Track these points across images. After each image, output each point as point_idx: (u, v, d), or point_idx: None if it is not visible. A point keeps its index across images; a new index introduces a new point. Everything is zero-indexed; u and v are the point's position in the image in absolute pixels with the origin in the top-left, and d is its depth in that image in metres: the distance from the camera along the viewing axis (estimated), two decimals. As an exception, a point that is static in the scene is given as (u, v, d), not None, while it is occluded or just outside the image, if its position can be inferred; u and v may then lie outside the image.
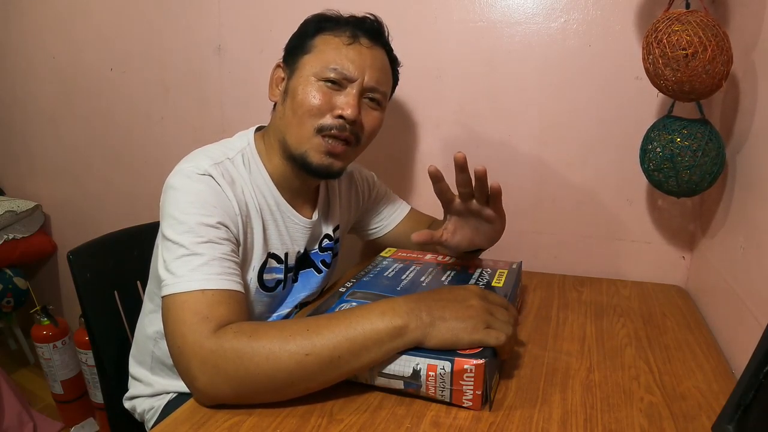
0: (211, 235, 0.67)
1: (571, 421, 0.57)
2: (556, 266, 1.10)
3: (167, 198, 0.70)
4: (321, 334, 0.56)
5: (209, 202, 0.69)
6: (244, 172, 0.78)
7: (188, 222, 0.66)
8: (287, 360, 0.55)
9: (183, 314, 0.60)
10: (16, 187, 1.85)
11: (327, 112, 0.75)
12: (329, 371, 0.57)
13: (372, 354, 0.57)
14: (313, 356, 0.56)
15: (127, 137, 1.54)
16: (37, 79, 1.65)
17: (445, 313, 0.59)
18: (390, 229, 1.05)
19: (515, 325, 0.63)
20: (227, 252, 0.67)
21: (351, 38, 0.77)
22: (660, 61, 0.75)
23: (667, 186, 0.85)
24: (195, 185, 0.70)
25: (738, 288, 0.77)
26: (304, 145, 0.77)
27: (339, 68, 0.75)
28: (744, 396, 0.45)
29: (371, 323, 0.57)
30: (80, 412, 1.66)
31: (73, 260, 0.91)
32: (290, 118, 0.77)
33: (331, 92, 0.76)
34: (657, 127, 0.86)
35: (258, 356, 0.56)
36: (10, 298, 1.74)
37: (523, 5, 1.04)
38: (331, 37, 0.77)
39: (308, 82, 0.76)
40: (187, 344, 0.58)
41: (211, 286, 0.62)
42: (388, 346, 0.57)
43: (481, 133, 1.13)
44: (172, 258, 0.65)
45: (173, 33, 1.39)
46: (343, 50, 0.76)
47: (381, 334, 0.56)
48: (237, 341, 0.57)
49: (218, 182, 0.72)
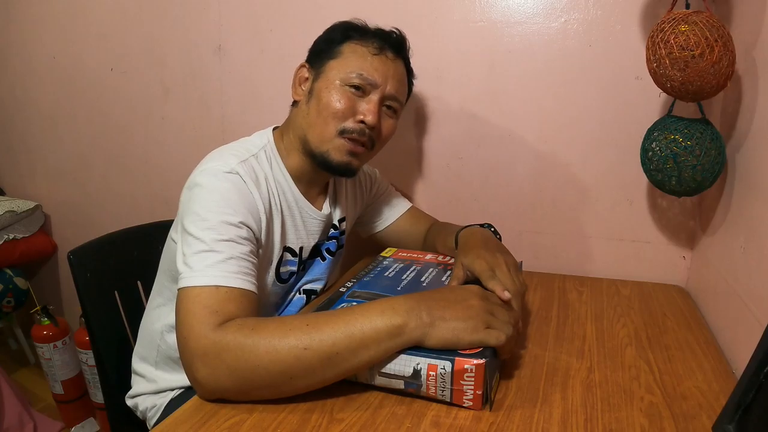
0: (232, 234, 0.68)
1: (571, 421, 0.57)
2: (556, 266, 1.10)
3: (193, 195, 0.72)
4: (320, 330, 0.57)
5: (234, 201, 0.71)
6: (267, 168, 0.81)
7: (211, 219, 0.68)
8: (286, 354, 0.56)
9: (194, 306, 0.61)
10: (16, 187, 1.85)
11: (350, 116, 0.80)
12: (328, 367, 0.57)
13: (371, 352, 0.57)
14: (311, 351, 0.56)
15: (127, 137, 1.54)
16: (37, 79, 1.65)
17: (445, 313, 0.59)
18: (389, 224, 1.06)
19: (516, 326, 0.63)
20: (246, 252, 0.69)
21: (378, 49, 0.81)
22: (667, 62, 0.75)
23: (669, 186, 0.85)
24: (221, 184, 0.72)
25: (738, 288, 0.77)
26: (326, 144, 0.80)
27: (365, 74, 0.79)
28: (744, 396, 0.45)
29: (370, 321, 0.57)
30: (80, 412, 1.66)
31: (74, 260, 0.91)
32: (314, 118, 0.80)
33: (355, 98, 0.80)
34: (659, 127, 0.86)
35: (258, 349, 0.56)
36: (10, 298, 1.74)
37: (523, 5, 1.04)
38: (358, 46, 0.81)
39: (334, 87, 0.79)
40: (192, 335, 0.59)
41: (225, 283, 0.63)
42: (386, 344, 0.57)
43: (481, 133, 1.13)
44: (191, 252, 0.66)
45: (173, 33, 1.38)
46: (369, 59, 0.80)
47: (380, 333, 0.57)
48: (239, 334, 0.58)
49: (245, 180, 0.74)
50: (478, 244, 0.76)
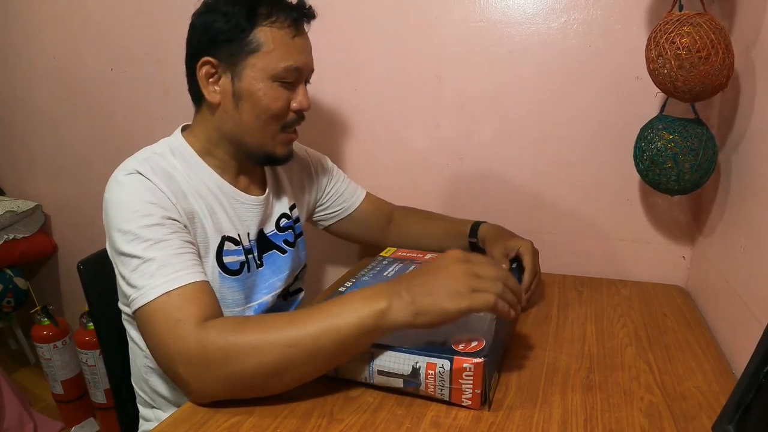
0: (156, 236, 0.65)
1: (571, 421, 0.57)
2: (556, 266, 1.09)
3: (105, 213, 0.70)
4: (304, 325, 0.56)
5: (144, 201, 0.67)
6: (176, 162, 0.77)
7: (131, 229, 0.65)
8: (270, 353, 0.55)
9: (157, 323, 0.60)
10: (16, 187, 1.85)
11: (288, 110, 0.77)
12: (314, 361, 0.57)
13: (358, 341, 0.57)
14: (296, 348, 0.56)
15: (127, 137, 1.54)
16: (37, 79, 1.65)
17: (425, 287, 0.57)
18: (351, 211, 1.04)
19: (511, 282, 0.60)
20: (178, 245, 0.66)
21: (294, 29, 0.75)
22: (673, 63, 0.75)
23: (666, 185, 0.85)
24: (125, 189, 0.69)
25: (738, 288, 0.77)
26: (268, 144, 0.78)
27: (293, 65, 0.74)
28: (744, 396, 0.45)
29: (355, 310, 0.56)
30: (80, 412, 1.66)
31: (83, 270, 0.89)
32: (252, 123, 0.76)
33: (287, 91, 0.76)
34: (655, 127, 0.86)
35: (242, 352, 0.56)
36: (10, 298, 1.74)
37: (523, 5, 1.04)
38: (274, 30, 0.73)
39: (265, 85, 0.74)
40: (171, 352, 0.58)
41: (173, 287, 0.61)
42: (372, 331, 0.56)
43: (481, 133, 1.13)
44: (128, 271, 0.64)
45: (173, 33, 1.38)
46: (290, 45, 0.74)
47: (364, 320, 0.56)
48: (220, 339, 0.57)
49: (147, 177, 0.70)
50: (512, 233, 0.93)
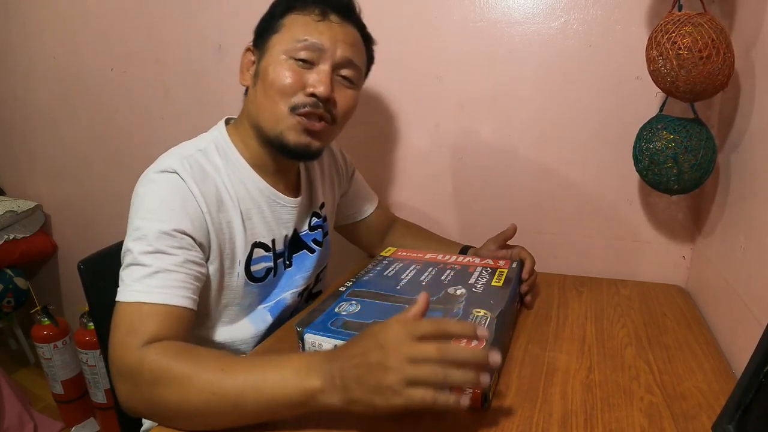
0: (161, 245, 0.64)
1: (571, 421, 0.57)
2: (556, 266, 1.09)
3: (131, 206, 0.69)
4: (233, 377, 0.54)
5: (169, 205, 0.66)
6: (219, 161, 0.76)
7: (142, 228, 0.65)
8: (194, 394, 0.54)
9: (118, 324, 0.60)
10: (16, 187, 1.85)
11: (299, 90, 0.73)
12: (237, 415, 0.54)
13: (284, 410, 0.54)
14: (218, 396, 0.53)
15: (127, 137, 1.54)
16: (37, 79, 1.65)
17: (358, 372, 0.50)
18: (364, 216, 1.04)
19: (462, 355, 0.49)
20: (177, 262, 0.64)
21: (320, 15, 0.74)
22: (674, 63, 0.75)
23: (666, 185, 0.85)
24: (154, 187, 0.68)
25: (738, 288, 0.77)
26: (279, 125, 0.74)
27: (310, 39, 0.72)
28: (744, 396, 0.45)
29: (283, 380, 0.52)
30: (81, 412, 1.66)
31: (84, 270, 0.89)
32: (262, 100, 0.74)
33: (302, 71, 0.73)
34: (654, 126, 0.86)
35: (170, 381, 0.55)
36: (10, 298, 1.74)
37: (523, 5, 1.04)
38: (300, 16, 0.75)
39: (278, 62, 0.73)
40: (113, 357, 0.59)
41: (149, 300, 0.61)
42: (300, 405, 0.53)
43: (481, 133, 1.13)
44: (124, 265, 0.65)
45: (173, 33, 1.38)
46: (312, 25, 0.74)
47: (290, 393, 0.52)
48: (156, 362, 0.56)
49: (183, 178, 0.69)
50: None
